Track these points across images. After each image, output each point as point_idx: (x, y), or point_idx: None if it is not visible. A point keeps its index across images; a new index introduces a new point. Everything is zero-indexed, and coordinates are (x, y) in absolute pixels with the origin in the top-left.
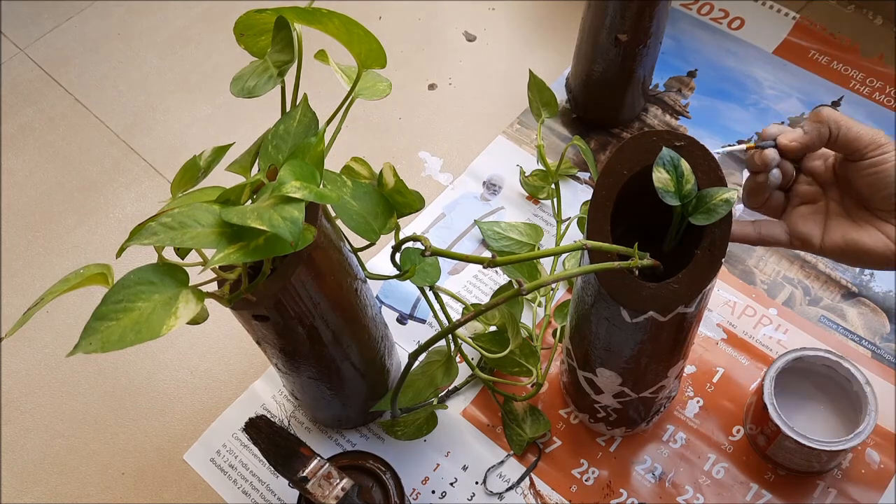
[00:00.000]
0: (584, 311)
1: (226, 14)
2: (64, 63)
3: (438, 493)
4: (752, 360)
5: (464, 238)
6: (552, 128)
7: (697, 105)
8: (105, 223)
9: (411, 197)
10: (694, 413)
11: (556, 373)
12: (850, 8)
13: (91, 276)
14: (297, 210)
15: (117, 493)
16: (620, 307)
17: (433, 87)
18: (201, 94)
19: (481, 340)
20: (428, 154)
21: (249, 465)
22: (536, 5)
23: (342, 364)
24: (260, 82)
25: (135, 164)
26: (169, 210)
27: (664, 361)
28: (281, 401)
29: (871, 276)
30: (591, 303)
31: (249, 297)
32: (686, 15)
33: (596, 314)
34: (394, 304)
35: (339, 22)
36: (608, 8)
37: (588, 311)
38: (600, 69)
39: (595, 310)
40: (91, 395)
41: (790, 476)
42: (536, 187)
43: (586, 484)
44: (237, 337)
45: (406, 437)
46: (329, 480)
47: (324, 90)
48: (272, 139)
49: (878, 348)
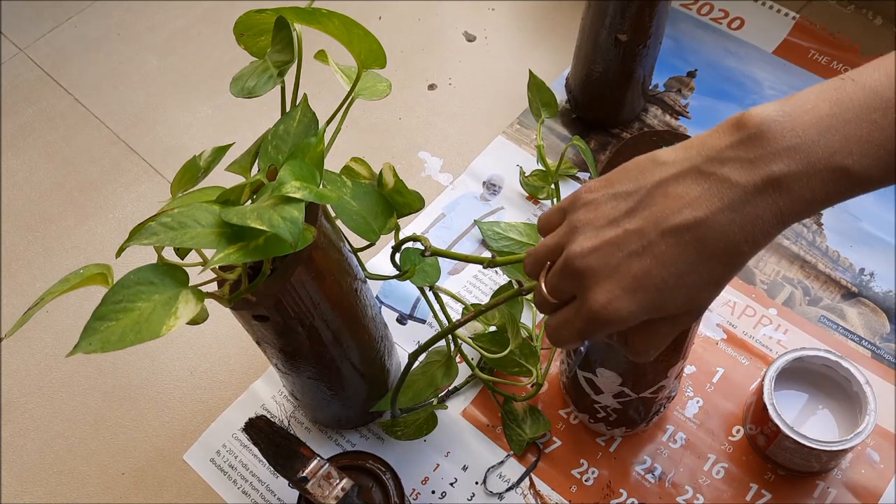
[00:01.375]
0: None
1: (226, 14)
2: (64, 63)
3: (438, 493)
4: (752, 360)
5: (464, 238)
6: (552, 128)
7: (697, 105)
8: (105, 223)
9: (411, 197)
10: (694, 413)
11: (555, 373)
12: (850, 8)
13: (91, 276)
14: (297, 210)
15: (117, 493)
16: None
17: (433, 87)
18: (201, 94)
19: (481, 340)
20: (428, 154)
21: (249, 465)
22: (536, 5)
23: (342, 364)
24: (260, 82)
25: (135, 164)
26: (169, 210)
27: (664, 361)
28: (281, 401)
29: (871, 276)
30: None
31: (249, 297)
32: (686, 15)
33: None
34: (394, 305)
35: (338, 22)
36: (608, 8)
37: None
38: (600, 69)
39: None
40: (91, 395)
41: (790, 476)
42: (536, 187)
43: (586, 484)
44: (237, 337)
45: (406, 437)
46: (329, 480)
47: (324, 90)
48: (272, 139)
49: (878, 348)
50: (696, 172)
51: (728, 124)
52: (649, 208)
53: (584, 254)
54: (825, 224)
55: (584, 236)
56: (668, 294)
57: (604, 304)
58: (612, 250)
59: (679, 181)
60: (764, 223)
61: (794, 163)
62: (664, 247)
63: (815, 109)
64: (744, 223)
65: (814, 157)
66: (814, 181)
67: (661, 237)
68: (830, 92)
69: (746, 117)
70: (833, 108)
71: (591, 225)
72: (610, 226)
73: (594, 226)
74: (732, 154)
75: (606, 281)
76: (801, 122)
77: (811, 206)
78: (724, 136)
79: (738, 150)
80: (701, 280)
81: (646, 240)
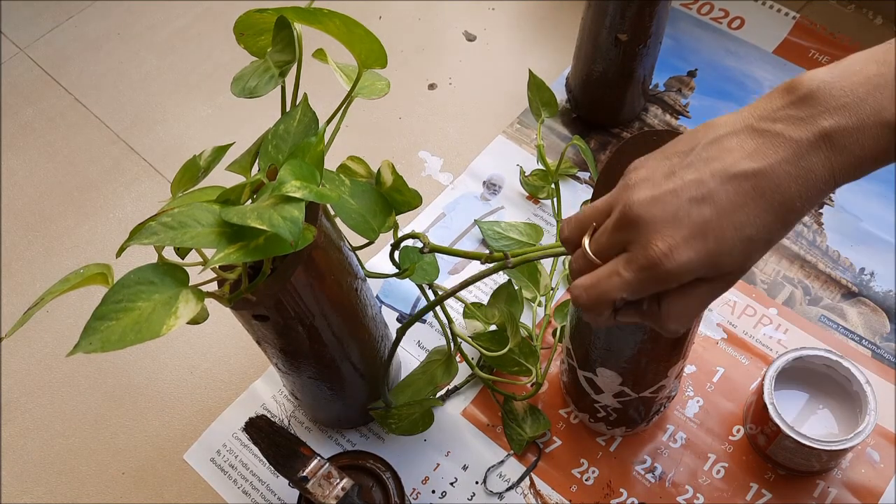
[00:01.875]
0: None
1: (226, 14)
2: (64, 63)
3: (438, 493)
4: (752, 360)
5: (464, 238)
6: (552, 127)
7: (697, 105)
8: (105, 223)
9: (410, 194)
10: (694, 413)
11: (556, 372)
12: (850, 8)
13: (91, 276)
14: (297, 210)
15: (117, 493)
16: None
17: (433, 87)
18: (201, 94)
19: (480, 339)
20: (428, 154)
21: (249, 465)
22: (536, 5)
23: (342, 364)
24: (261, 82)
25: (135, 164)
26: (169, 210)
27: (664, 361)
28: (281, 401)
29: (872, 275)
30: None
31: (249, 296)
32: (686, 15)
33: None
34: (394, 304)
35: (339, 22)
36: (608, 8)
37: None
38: (600, 69)
39: None
40: (91, 395)
41: (790, 476)
42: (536, 187)
43: (586, 483)
44: (237, 337)
45: (400, 431)
46: (329, 480)
47: (324, 90)
48: (272, 139)
49: (878, 348)
50: (751, 129)
51: (780, 89)
52: (707, 160)
53: (642, 203)
54: (825, 224)
55: (641, 189)
56: (727, 246)
57: (664, 252)
58: (672, 198)
59: (734, 136)
60: (817, 179)
61: (845, 119)
62: (724, 195)
63: (863, 70)
64: (799, 177)
65: (863, 113)
66: (864, 137)
67: (722, 185)
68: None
69: (797, 81)
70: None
71: (648, 180)
72: (668, 178)
73: (651, 180)
74: (785, 114)
75: (666, 228)
76: (850, 83)
77: (862, 164)
78: (775, 99)
79: (790, 110)
80: (757, 234)
81: (706, 188)
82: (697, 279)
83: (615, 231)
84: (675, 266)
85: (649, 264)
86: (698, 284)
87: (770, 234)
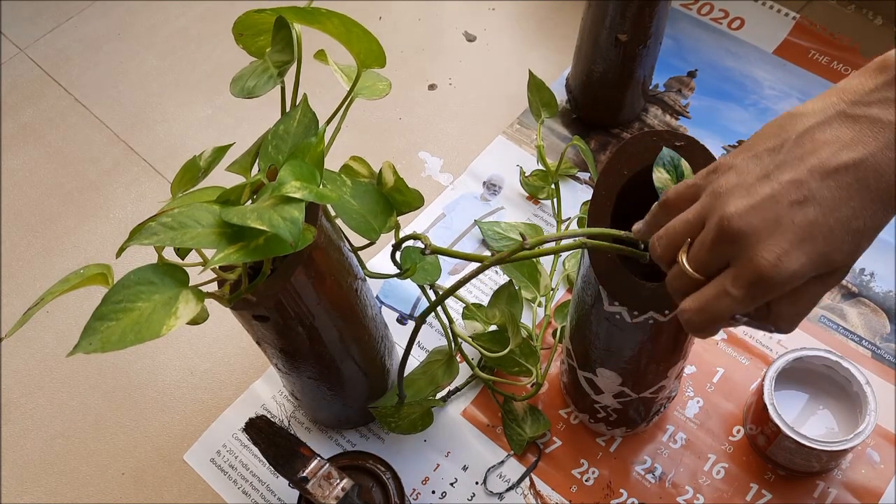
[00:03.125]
0: (585, 311)
1: (226, 14)
2: (64, 63)
3: (438, 493)
4: (752, 360)
5: (464, 238)
6: (552, 128)
7: (697, 105)
8: (105, 223)
9: (411, 195)
10: (694, 413)
11: (556, 373)
12: (850, 8)
13: (91, 276)
14: (297, 210)
15: (117, 494)
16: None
17: (433, 87)
18: (201, 94)
19: (481, 340)
20: (428, 154)
21: (249, 465)
22: (536, 5)
23: (342, 364)
24: (260, 82)
25: (135, 164)
26: (169, 210)
27: (664, 361)
28: (281, 401)
29: (872, 276)
30: (591, 303)
31: (249, 297)
32: (686, 15)
33: (596, 314)
34: (394, 305)
35: (338, 22)
36: (608, 8)
37: (588, 311)
38: (600, 69)
39: (595, 310)
40: (91, 395)
41: (790, 476)
42: (536, 187)
43: (586, 484)
44: (237, 337)
45: (400, 430)
46: (329, 480)
47: (324, 90)
48: (272, 139)
49: (878, 348)
50: (844, 116)
51: (870, 68)
52: (801, 156)
53: (740, 214)
54: None
55: (736, 197)
56: (837, 243)
57: (773, 263)
58: (771, 204)
59: (826, 127)
60: None
61: None
62: (826, 192)
63: None
64: None
65: None
66: None
67: (822, 181)
68: None
69: (889, 59)
70: None
71: (740, 186)
72: (762, 182)
73: (744, 186)
74: (879, 96)
75: (770, 237)
76: None
77: None
78: (866, 79)
79: (884, 92)
80: (865, 226)
81: (805, 188)
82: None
83: (715, 246)
84: (786, 275)
85: (758, 279)
86: (810, 283)
87: (878, 223)
